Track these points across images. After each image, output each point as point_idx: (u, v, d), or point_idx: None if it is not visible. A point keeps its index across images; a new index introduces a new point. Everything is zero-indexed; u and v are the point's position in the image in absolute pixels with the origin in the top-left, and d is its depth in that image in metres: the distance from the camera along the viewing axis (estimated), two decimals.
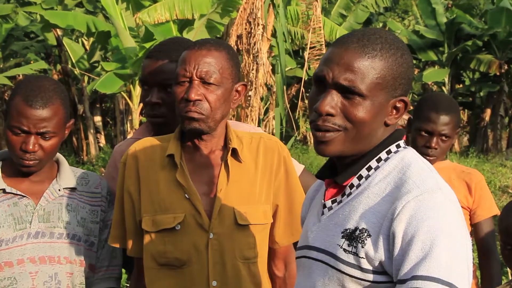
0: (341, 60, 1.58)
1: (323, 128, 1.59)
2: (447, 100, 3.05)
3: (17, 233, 2.30)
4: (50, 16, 13.44)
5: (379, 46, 1.59)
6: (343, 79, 1.57)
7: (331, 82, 1.58)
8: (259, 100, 9.18)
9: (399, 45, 1.62)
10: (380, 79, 1.58)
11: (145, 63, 2.47)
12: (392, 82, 1.60)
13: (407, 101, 1.63)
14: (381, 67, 1.58)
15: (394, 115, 1.63)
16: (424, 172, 1.58)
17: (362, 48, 1.58)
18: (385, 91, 1.59)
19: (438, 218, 1.48)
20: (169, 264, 2.21)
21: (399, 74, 1.60)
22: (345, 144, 1.60)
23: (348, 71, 1.57)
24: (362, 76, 1.57)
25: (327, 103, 1.58)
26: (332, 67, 1.58)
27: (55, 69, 21.17)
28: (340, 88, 1.58)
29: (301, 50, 19.50)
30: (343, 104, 1.58)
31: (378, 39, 1.60)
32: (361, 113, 1.58)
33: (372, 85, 1.57)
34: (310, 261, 1.67)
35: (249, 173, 2.26)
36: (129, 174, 2.27)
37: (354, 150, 1.62)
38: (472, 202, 3.07)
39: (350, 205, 1.61)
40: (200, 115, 2.17)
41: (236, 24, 9.47)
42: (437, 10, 20.25)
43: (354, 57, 1.58)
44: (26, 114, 2.26)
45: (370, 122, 1.59)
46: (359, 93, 1.57)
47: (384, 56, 1.59)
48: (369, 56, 1.58)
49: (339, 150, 1.61)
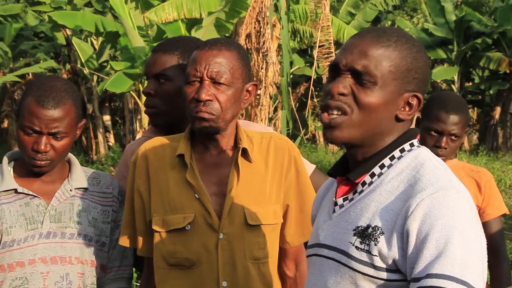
0: (356, 47, 1.61)
1: (333, 105, 1.60)
2: (457, 99, 3.03)
3: (29, 233, 2.31)
4: (58, 16, 13.46)
5: (394, 38, 1.62)
6: (357, 64, 1.60)
7: (345, 67, 1.61)
8: (268, 99, 9.17)
9: (415, 42, 1.65)
10: (393, 68, 1.60)
11: (148, 57, 2.54)
12: (406, 74, 1.61)
13: (421, 98, 1.64)
14: (395, 56, 1.60)
15: (407, 111, 1.64)
16: (438, 170, 1.58)
17: (377, 38, 1.62)
18: (398, 82, 1.61)
19: (453, 216, 1.48)
20: (179, 264, 2.21)
21: (413, 68, 1.62)
22: (352, 129, 1.61)
23: (362, 57, 1.60)
24: (375, 63, 1.59)
25: (339, 84, 1.61)
26: (347, 55, 1.62)
27: (64, 68, 21.23)
28: (354, 73, 1.60)
29: (310, 49, 19.50)
30: (355, 87, 1.60)
31: (394, 33, 1.64)
32: (370, 97, 1.59)
33: (385, 73, 1.59)
34: (322, 259, 1.67)
35: (259, 173, 2.26)
36: (139, 174, 2.27)
37: (362, 137, 1.62)
38: (481, 200, 3.06)
39: (362, 203, 1.61)
40: (211, 115, 2.17)
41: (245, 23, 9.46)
42: (446, 8, 20.20)
43: (369, 45, 1.61)
44: (38, 114, 2.27)
45: (378, 109, 1.60)
46: (371, 78, 1.59)
47: (399, 47, 1.61)
48: (384, 45, 1.61)
49: (347, 135, 1.61)
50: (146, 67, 2.51)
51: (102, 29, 13.33)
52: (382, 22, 24.24)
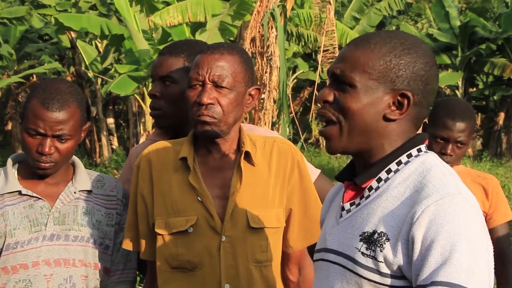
0: (340, 55, 1.64)
1: (321, 114, 1.63)
2: (464, 106, 3.01)
3: (33, 235, 2.31)
4: (64, 18, 13.50)
5: (376, 40, 1.62)
6: (336, 68, 1.62)
7: (330, 74, 1.64)
8: (272, 103, 9.17)
9: (406, 41, 1.62)
10: (369, 68, 1.59)
11: (154, 59, 2.54)
12: (385, 73, 1.59)
13: (410, 96, 1.60)
14: (372, 57, 1.60)
15: (396, 110, 1.61)
16: (444, 176, 1.56)
17: (359, 42, 1.63)
18: (377, 82, 1.59)
19: (458, 223, 1.47)
20: (181, 267, 2.21)
21: (394, 65, 1.59)
22: (343, 138, 1.62)
23: (340, 61, 1.62)
24: (351, 65, 1.60)
25: (324, 91, 1.63)
26: (335, 61, 1.65)
27: (68, 71, 21.27)
28: (334, 78, 1.62)
29: (314, 53, 19.50)
30: (337, 93, 1.62)
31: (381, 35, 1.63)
32: (351, 102, 1.59)
33: (362, 74, 1.59)
34: (328, 264, 1.66)
35: (262, 176, 2.26)
36: (143, 177, 2.28)
37: (357, 144, 1.62)
38: (488, 207, 3.05)
39: (369, 208, 1.60)
40: (213, 119, 2.17)
41: (250, 27, 9.47)
42: (450, 13, 20.20)
43: (348, 50, 1.63)
44: (43, 116, 2.27)
45: (360, 113, 1.59)
46: (348, 82, 1.60)
47: (378, 48, 1.60)
48: (361, 48, 1.61)
49: (340, 146, 1.63)
50: (152, 69, 2.51)
51: (107, 31, 13.37)
52: (387, 27, 24.24)
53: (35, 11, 19.13)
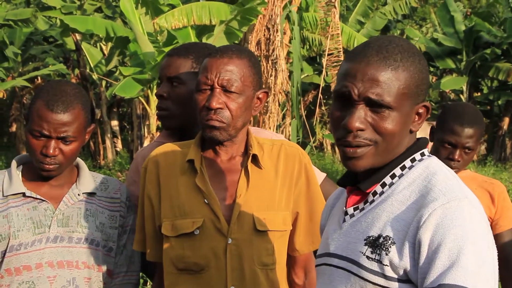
0: (365, 75, 1.57)
1: (354, 144, 1.58)
2: (472, 111, 2.98)
3: (36, 237, 2.31)
4: (70, 20, 13.51)
5: (399, 57, 1.59)
6: (371, 93, 1.56)
7: (358, 98, 1.58)
8: (277, 106, 9.18)
9: (414, 51, 1.63)
10: (406, 89, 1.58)
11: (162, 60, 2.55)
12: (416, 90, 1.60)
13: (429, 106, 1.64)
14: (405, 77, 1.58)
15: (417, 121, 1.64)
16: (449, 180, 1.57)
17: (384, 61, 1.58)
18: (410, 100, 1.60)
19: (465, 227, 1.48)
20: (187, 269, 2.21)
21: (421, 81, 1.61)
22: (376, 157, 1.60)
23: (374, 85, 1.57)
24: (388, 89, 1.57)
25: (356, 119, 1.57)
26: (357, 83, 1.58)
27: (73, 73, 21.31)
28: (368, 102, 1.58)
29: (319, 57, 19.50)
30: (372, 118, 1.58)
31: (396, 49, 1.60)
32: (390, 125, 1.58)
33: (399, 96, 1.58)
34: (331, 268, 1.66)
35: (269, 179, 2.25)
36: (150, 179, 2.28)
37: (384, 161, 1.62)
38: (494, 212, 3.03)
39: (373, 213, 1.60)
40: (221, 124, 2.17)
41: (256, 30, 9.48)
42: (455, 17, 20.20)
43: (378, 71, 1.57)
44: (47, 118, 2.27)
45: (399, 133, 1.59)
46: (387, 105, 1.57)
47: (406, 65, 1.59)
48: (392, 68, 1.58)
49: (370, 164, 1.61)
50: (160, 70, 2.52)
51: (112, 34, 13.38)
52: (391, 31, 24.22)
53: (40, 13, 19.16)
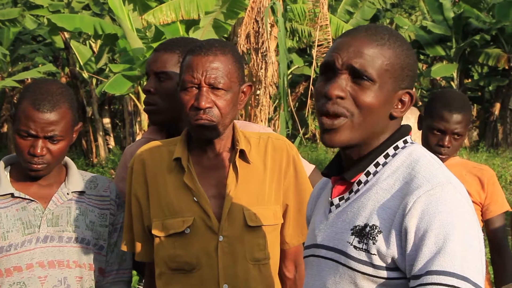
0: (350, 47, 1.59)
1: (331, 111, 1.58)
2: (460, 98, 3.01)
3: (26, 238, 2.30)
4: (57, 19, 13.47)
5: (386, 36, 1.61)
6: (354, 62, 1.58)
7: (341, 66, 1.59)
8: (268, 99, 9.18)
9: (404, 39, 1.65)
10: (389, 66, 1.59)
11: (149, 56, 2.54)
12: (400, 72, 1.61)
13: (413, 94, 1.64)
14: (390, 54, 1.60)
15: (400, 108, 1.64)
16: (433, 166, 1.57)
17: (370, 37, 1.60)
18: (393, 79, 1.60)
19: (451, 212, 1.48)
20: (179, 268, 2.20)
21: (406, 65, 1.62)
22: (352, 132, 1.59)
23: (358, 56, 1.58)
24: (372, 62, 1.58)
25: (336, 86, 1.58)
26: (341, 53, 1.59)
27: (63, 72, 21.23)
28: (351, 71, 1.58)
29: (309, 48, 19.49)
30: (352, 88, 1.58)
31: (385, 30, 1.63)
32: (370, 98, 1.58)
33: (382, 71, 1.58)
34: (319, 259, 1.66)
35: (257, 173, 2.24)
36: (137, 179, 2.26)
37: (361, 139, 1.61)
38: (484, 197, 3.05)
39: (359, 202, 1.61)
40: (211, 122, 2.15)
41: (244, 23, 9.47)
42: (444, 5, 20.18)
43: (364, 44, 1.59)
44: (34, 118, 2.26)
45: (377, 109, 1.59)
46: (369, 77, 1.57)
47: (392, 45, 1.61)
48: (378, 44, 1.60)
49: (347, 138, 1.60)
50: (147, 65, 2.52)
51: (100, 31, 13.34)
52: (381, 20, 24.21)
53: (28, 12, 19.08)
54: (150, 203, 2.23)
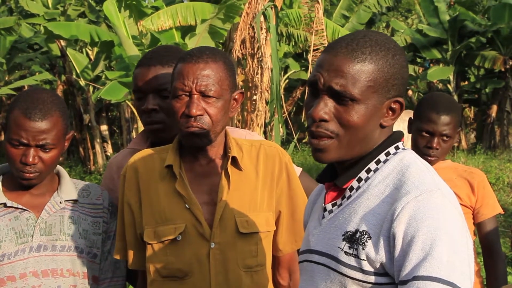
0: (331, 66, 1.58)
1: (316, 134, 1.60)
2: (448, 100, 3.02)
3: (19, 247, 2.29)
4: (54, 27, 13.48)
5: (368, 50, 1.59)
6: (335, 83, 1.57)
7: (323, 88, 1.59)
8: (264, 104, 9.17)
9: (390, 45, 1.62)
10: (372, 82, 1.58)
11: (137, 71, 2.45)
12: (385, 84, 1.59)
13: (403, 102, 1.63)
14: (372, 70, 1.58)
15: (390, 116, 1.63)
16: (422, 173, 1.58)
17: (351, 53, 1.58)
18: (378, 93, 1.59)
19: (438, 218, 1.48)
20: (171, 275, 2.19)
21: (391, 75, 1.60)
22: (340, 150, 1.60)
23: (338, 76, 1.57)
24: (353, 80, 1.56)
25: (320, 109, 1.59)
26: (323, 73, 1.59)
27: (60, 79, 21.23)
28: (333, 93, 1.58)
29: (305, 53, 19.51)
30: (336, 109, 1.59)
31: (367, 42, 1.60)
32: (354, 117, 1.58)
33: (364, 89, 1.57)
34: (312, 265, 1.67)
35: (250, 181, 2.24)
36: (129, 187, 2.25)
37: (352, 154, 1.62)
38: (475, 201, 3.05)
39: (350, 208, 1.61)
40: (202, 130, 2.14)
41: (240, 29, 9.47)
42: (439, 8, 20.22)
43: (344, 62, 1.57)
44: (25, 126, 2.25)
45: (364, 126, 1.59)
46: (351, 97, 1.57)
47: (374, 58, 1.58)
48: (359, 60, 1.57)
49: (335, 157, 1.61)
50: (142, 83, 2.42)
51: (97, 38, 13.36)
52: (377, 24, 24.26)
53: (24, 21, 19.09)
54: (143, 211, 2.23)
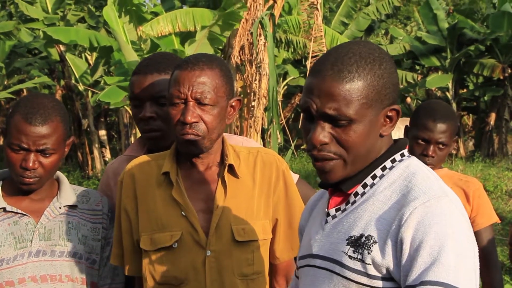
0: (321, 91, 1.58)
1: (320, 158, 1.61)
2: (444, 107, 3.03)
3: (18, 252, 2.30)
4: (53, 32, 13.48)
5: (354, 67, 1.58)
6: (328, 108, 1.57)
7: (317, 113, 1.59)
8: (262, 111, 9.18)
9: (375, 55, 1.61)
10: (364, 99, 1.58)
11: (133, 79, 2.45)
12: (377, 97, 1.60)
13: (398, 108, 1.64)
14: (362, 86, 1.58)
15: (388, 124, 1.65)
16: (429, 179, 1.60)
17: (338, 74, 1.57)
18: (373, 107, 1.60)
19: (446, 224, 1.50)
20: (167, 283, 2.19)
21: (381, 87, 1.60)
22: (346, 169, 1.63)
23: (330, 101, 1.57)
24: (345, 102, 1.57)
25: (318, 134, 1.60)
26: (314, 99, 1.59)
27: (59, 84, 21.23)
28: (327, 118, 1.59)
29: (304, 59, 19.53)
30: (334, 131, 1.60)
31: (351, 58, 1.59)
32: (353, 137, 1.59)
33: (358, 107, 1.58)
34: (314, 269, 1.68)
35: (246, 188, 2.24)
36: (126, 193, 2.26)
37: (358, 168, 1.64)
38: (470, 210, 3.05)
39: (355, 213, 1.63)
40: (197, 137, 2.14)
41: (239, 35, 9.49)
42: (438, 15, 20.25)
43: (333, 85, 1.57)
44: (26, 131, 2.26)
45: (364, 143, 1.61)
46: (346, 119, 1.58)
47: (362, 74, 1.58)
48: (347, 80, 1.57)
49: (343, 175, 1.63)
50: (139, 90, 2.41)
51: (96, 44, 13.35)
52: (376, 31, 24.28)
53: (23, 26, 19.09)
54: (139, 217, 2.23)
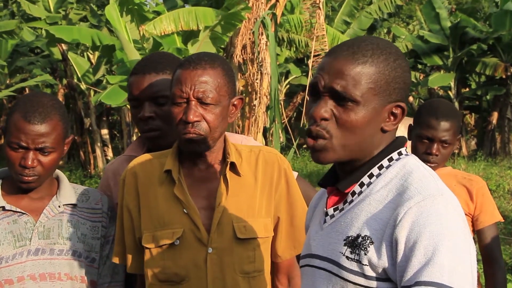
0: (332, 68, 1.59)
1: (314, 133, 1.60)
2: (447, 106, 3.02)
3: (17, 250, 2.29)
4: (55, 30, 13.48)
5: (369, 52, 1.59)
6: (336, 83, 1.57)
7: (324, 89, 1.59)
8: (263, 110, 9.18)
9: (391, 50, 1.62)
10: (373, 84, 1.58)
11: (132, 80, 2.45)
12: (386, 87, 1.59)
13: (404, 106, 1.63)
14: (373, 72, 1.58)
15: (392, 121, 1.63)
16: (425, 178, 1.58)
17: (352, 55, 1.59)
18: (379, 96, 1.59)
19: (440, 224, 1.48)
20: (169, 280, 2.19)
21: (392, 79, 1.60)
22: (338, 151, 1.60)
23: (339, 78, 1.58)
24: (353, 82, 1.57)
25: (320, 108, 1.59)
26: (324, 75, 1.59)
27: (61, 83, 21.25)
28: (333, 94, 1.58)
29: (306, 58, 19.54)
30: (336, 109, 1.59)
31: (368, 46, 1.61)
32: (353, 118, 1.58)
33: (365, 91, 1.57)
34: (313, 269, 1.67)
35: (248, 186, 2.24)
36: (128, 191, 2.26)
37: (351, 156, 1.62)
38: (473, 208, 3.05)
39: (352, 213, 1.61)
40: (199, 136, 2.15)
41: (241, 34, 9.50)
42: (440, 14, 20.26)
43: (345, 64, 1.58)
44: (25, 129, 2.26)
45: (361, 128, 1.59)
46: (351, 98, 1.57)
47: (375, 61, 1.59)
48: (360, 62, 1.58)
49: (334, 157, 1.61)
50: (137, 91, 2.42)
51: (98, 42, 13.36)
52: (378, 30, 24.28)
53: (25, 24, 19.13)
54: (141, 215, 2.23)
